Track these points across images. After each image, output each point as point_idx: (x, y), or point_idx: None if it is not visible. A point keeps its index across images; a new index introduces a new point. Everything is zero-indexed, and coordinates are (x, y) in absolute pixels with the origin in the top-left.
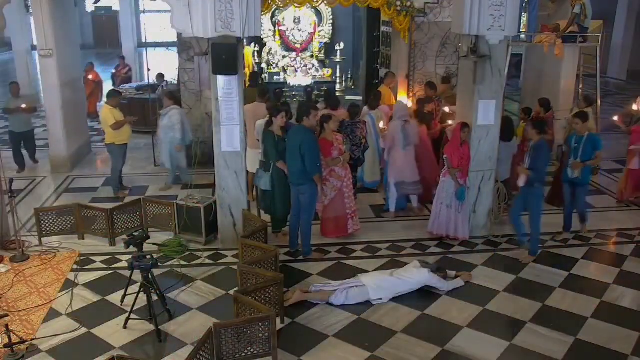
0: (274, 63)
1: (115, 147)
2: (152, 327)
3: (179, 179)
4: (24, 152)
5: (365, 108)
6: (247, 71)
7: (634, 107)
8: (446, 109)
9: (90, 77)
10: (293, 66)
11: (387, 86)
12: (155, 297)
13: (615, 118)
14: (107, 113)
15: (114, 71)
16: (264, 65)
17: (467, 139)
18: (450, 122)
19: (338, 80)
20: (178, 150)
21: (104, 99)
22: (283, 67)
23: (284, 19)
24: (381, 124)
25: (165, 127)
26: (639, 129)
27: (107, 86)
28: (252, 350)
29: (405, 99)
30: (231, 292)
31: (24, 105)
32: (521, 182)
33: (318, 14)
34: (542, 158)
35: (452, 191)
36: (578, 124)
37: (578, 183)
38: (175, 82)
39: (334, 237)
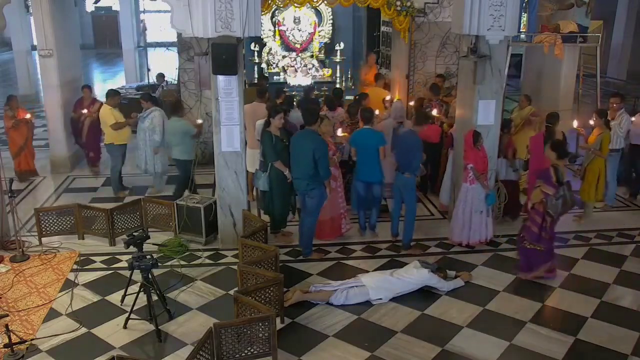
0: (274, 63)
1: (114, 147)
2: (152, 327)
3: (171, 180)
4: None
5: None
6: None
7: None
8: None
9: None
10: (293, 66)
11: (369, 67)
12: (155, 297)
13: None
14: (108, 113)
15: (73, 114)
16: (264, 65)
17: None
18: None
19: (338, 80)
20: (155, 152)
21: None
22: (283, 67)
23: (284, 19)
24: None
25: (147, 130)
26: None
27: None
28: (252, 350)
29: (400, 102)
30: (231, 292)
31: (199, 121)
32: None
33: (318, 14)
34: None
35: (483, 197)
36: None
37: None
38: (175, 82)
39: (330, 239)
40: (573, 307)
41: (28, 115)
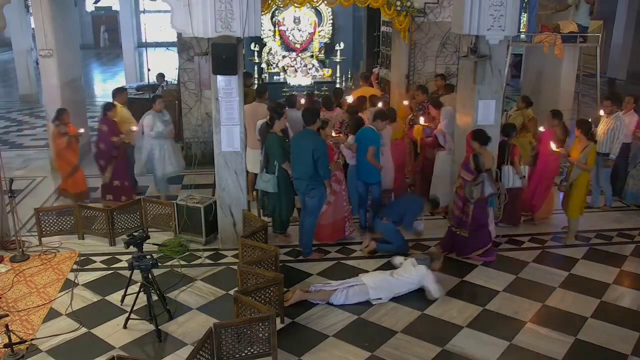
0: (274, 63)
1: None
2: (152, 327)
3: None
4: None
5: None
6: None
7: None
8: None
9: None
10: (293, 66)
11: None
12: (155, 297)
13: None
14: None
15: (115, 139)
16: (264, 65)
17: None
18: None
19: (338, 80)
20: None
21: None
22: (283, 67)
23: (284, 19)
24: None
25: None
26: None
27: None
28: (252, 350)
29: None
30: (231, 292)
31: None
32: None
33: (318, 14)
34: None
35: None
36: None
37: None
38: (175, 82)
39: (331, 241)
40: (573, 307)
41: (82, 130)
